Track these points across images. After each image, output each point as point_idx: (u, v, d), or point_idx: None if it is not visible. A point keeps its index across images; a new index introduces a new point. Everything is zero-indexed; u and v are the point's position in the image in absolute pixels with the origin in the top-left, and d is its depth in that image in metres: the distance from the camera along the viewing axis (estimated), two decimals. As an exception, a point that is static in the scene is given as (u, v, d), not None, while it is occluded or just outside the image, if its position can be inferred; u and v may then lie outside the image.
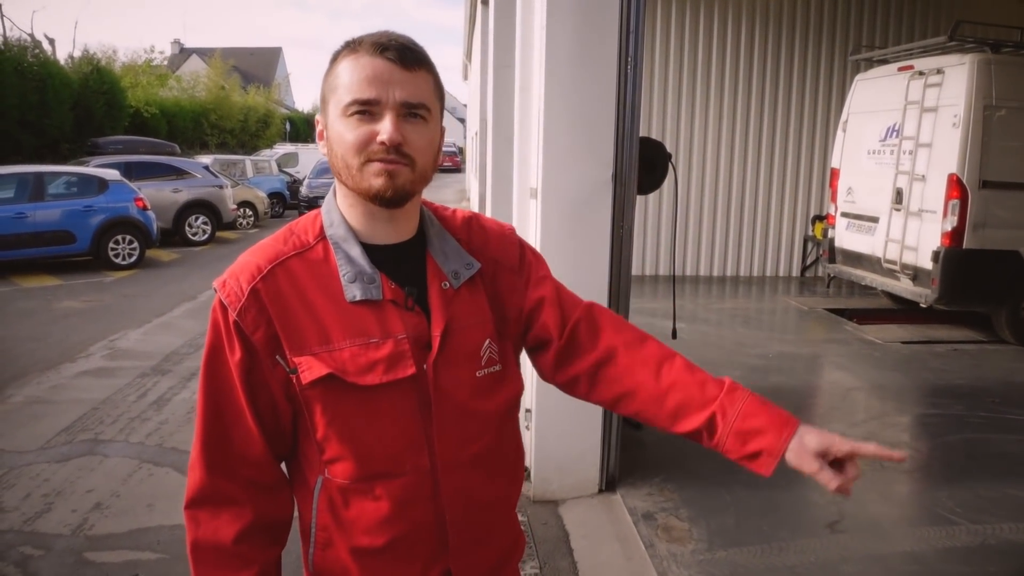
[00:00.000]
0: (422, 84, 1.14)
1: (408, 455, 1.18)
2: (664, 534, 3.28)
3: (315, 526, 1.22)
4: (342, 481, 1.18)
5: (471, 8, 12.65)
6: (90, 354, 6.41)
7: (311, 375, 1.13)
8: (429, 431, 1.19)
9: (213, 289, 1.20)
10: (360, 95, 1.11)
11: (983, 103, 6.21)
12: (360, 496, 1.18)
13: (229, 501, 1.19)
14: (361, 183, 1.14)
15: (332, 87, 1.15)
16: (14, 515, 3.60)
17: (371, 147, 1.12)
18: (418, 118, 1.14)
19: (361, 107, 1.11)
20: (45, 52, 18.98)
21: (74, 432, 4.65)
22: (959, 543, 3.26)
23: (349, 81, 1.12)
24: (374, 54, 1.12)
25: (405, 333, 1.16)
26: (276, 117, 35.62)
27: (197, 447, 1.20)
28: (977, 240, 6.33)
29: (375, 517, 1.19)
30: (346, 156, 1.13)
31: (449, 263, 1.24)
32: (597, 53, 3.37)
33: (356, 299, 1.15)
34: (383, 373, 1.14)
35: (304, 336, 1.14)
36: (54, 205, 10.59)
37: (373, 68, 1.11)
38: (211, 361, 1.19)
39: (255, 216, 16.76)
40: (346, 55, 1.14)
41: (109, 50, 24.78)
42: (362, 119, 1.11)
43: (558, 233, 3.48)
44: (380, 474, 1.18)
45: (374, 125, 1.11)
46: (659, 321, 6.77)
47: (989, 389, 5.40)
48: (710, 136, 9.76)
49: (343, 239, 1.18)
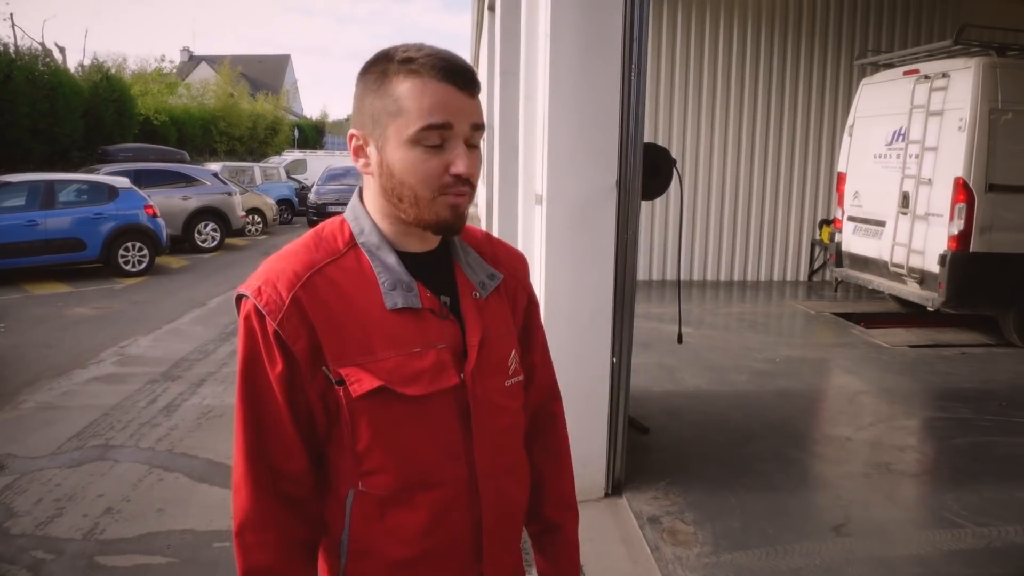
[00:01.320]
0: (479, 108, 1.13)
1: (447, 465, 1.18)
2: (670, 537, 3.30)
3: (348, 538, 1.19)
4: (380, 492, 1.16)
5: (477, 14, 12.70)
6: (101, 360, 6.47)
7: (362, 387, 1.11)
8: (468, 440, 1.19)
9: (240, 296, 1.15)
10: (433, 121, 1.07)
11: (989, 107, 6.21)
12: (398, 507, 1.16)
13: (277, 523, 1.16)
14: (429, 215, 1.12)
15: (392, 110, 1.09)
16: (26, 520, 3.64)
17: (443, 179, 1.10)
18: (475, 145, 1.13)
19: (435, 135, 1.08)
20: (56, 60, 19.21)
21: (85, 437, 4.70)
22: (965, 546, 3.26)
23: (418, 107, 1.08)
24: (441, 79, 1.08)
25: (444, 342, 1.16)
26: (285, 124, 35.83)
27: (241, 465, 1.16)
28: (984, 243, 6.32)
29: (413, 527, 1.17)
30: (416, 187, 1.11)
31: (475, 273, 1.24)
32: (601, 60, 3.40)
33: (398, 306, 1.13)
34: (428, 383, 1.14)
35: (347, 345, 1.11)
36: (64, 213, 10.68)
37: (444, 95, 1.08)
38: (249, 372, 1.14)
39: (264, 223, 16.85)
40: (406, 75, 1.09)
41: (119, 58, 25.08)
42: (432, 149, 1.09)
43: (563, 239, 3.51)
44: (419, 484, 1.17)
45: (444, 155, 1.10)
46: (665, 326, 6.79)
47: (996, 392, 5.39)
48: (716, 141, 9.77)
49: (377, 247, 1.16)
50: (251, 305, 1.12)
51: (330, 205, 17.09)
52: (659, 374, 5.69)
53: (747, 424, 4.70)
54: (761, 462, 4.13)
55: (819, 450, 4.41)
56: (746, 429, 4.62)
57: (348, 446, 1.15)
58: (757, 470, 4.02)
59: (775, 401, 5.18)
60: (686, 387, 5.45)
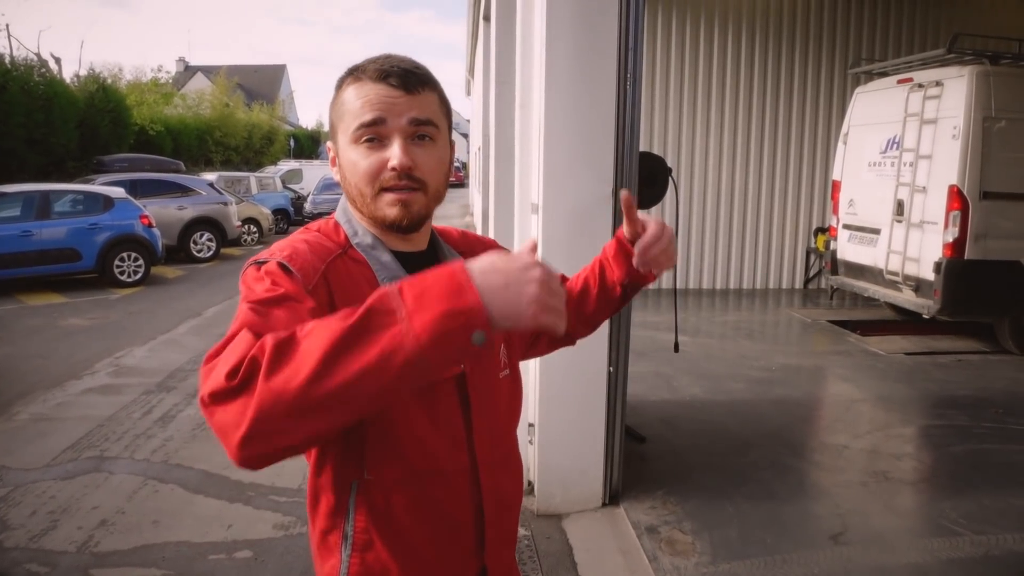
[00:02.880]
0: (427, 104, 1.16)
1: (451, 454, 1.20)
2: (668, 547, 3.29)
3: (353, 529, 1.18)
4: (387, 482, 1.16)
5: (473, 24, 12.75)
6: (95, 371, 6.44)
7: None
8: (469, 429, 1.21)
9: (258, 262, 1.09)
10: (365, 119, 1.13)
11: (982, 115, 6.24)
12: (403, 496, 1.17)
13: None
14: (376, 212, 1.17)
15: (339, 114, 1.17)
16: (20, 532, 3.62)
17: (383, 175, 1.14)
18: (426, 138, 1.16)
19: (368, 132, 1.13)
20: (51, 71, 19.19)
21: (80, 449, 4.67)
22: (963, 554, 3.25)
23: (354, 108, 1.14)
24: (377, 80, 1.14)
25: None
26: (280, 134, 35.81)
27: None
28: (978, 251, 6.34)
29: (418, 516, 1.18)
30: (359, 185, 1.16)
31: None
32: (597, 69, 3.40)
33: None
34: None
35: None
36: (60, 223, 10.66)
37: (377, 94, 1.13)
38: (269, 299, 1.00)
39: (260, 233, 16.82)
40: (350, 82, 1.16)
41: (114, 68, 25.05)
42: (371, 146, 1.14)
43: (559, 248, 3.51)
44: (424, 473, 1.18)
45: (384, 152, 1.14)
46: (661, 335, 6.79)
47: (992, 399, 5.40)
48: (711, 150, 9.80)
49: (372, 246, 1.20)
50: (276, 264, 1.07)
51: (326, 215, 17.05)
52: (656, 383, 5.68)
53: (744, 433, 4.70)
54: (758, 471, 4.12)
55: (816, 458, 4.41)
56: (743, 438, 4.61)
57: (354, 435, 1.15)
58: (755, 479, 4.01)
59: (772, 409, 5.18)
60: (683, 396, 5.45)
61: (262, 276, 1.06)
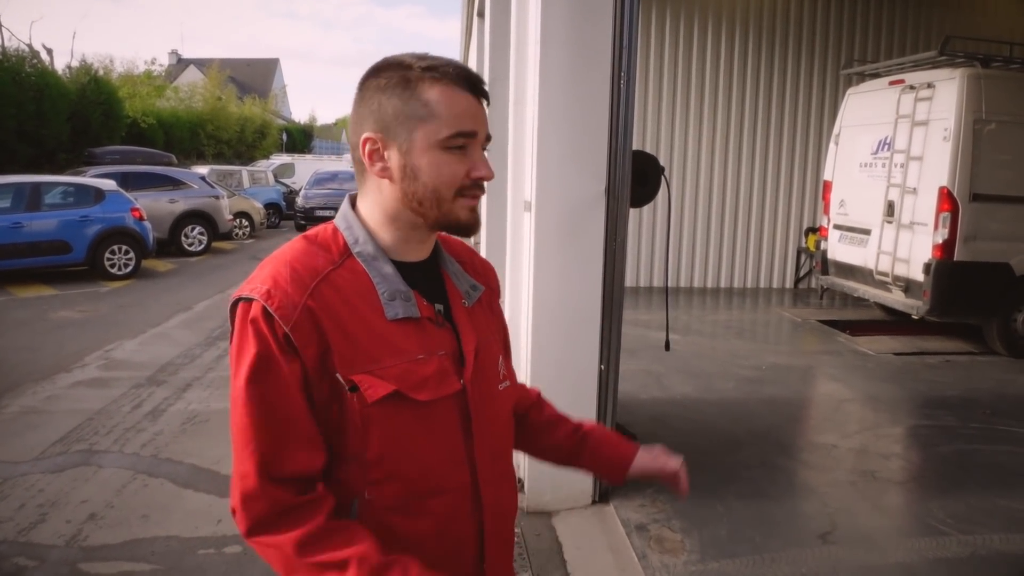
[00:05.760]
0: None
1: (453, 472, 1.20)
2: (657, 545, 3.30)
3: None
4: (388, 501, 1.15)
5: (467, 20, 12.71)
6: (85, 364, 6.42)
7: (376, 393, 1.11)
8: (470, 446, 1.21)
9: (240, 299, 1.12)
10: (463, 128, 1.13)
11: (973, 117, 6.27)
12: (404, 515, 1.17)
13: (298, 512, 1.10)
14: (449, 215, 1.17)
15: (421, 114, 1.13)
16: (8, 526, 3.61)
17: (464, 182, 1.16)
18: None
19: (462, 141, 1.14)
20: (43, 62, 19.06)
21: (69, 442, 4.66)
22: (950, 554, 3.28)
23: (450, 113, 1.12)
24: (464, 87, 1.14)
25: (444, 349, 1.19)
26: (273, 128, 35.71)
27: (252, 463, 1.09)
28: (968, 252, 6.38)
29: (419, 535, 1.17)
30: (440, 188, 1.15)
31: (460, 282, 1.28)
32: (590, 68, 3.41)
33: (399, 316, 1.15)
34: (435, 389, 1.15)
35: (356, 353, 1.11)
36: (50, 215, 10.60)
37: (470, 103, 1.14)
38: (259, 372, 1.09)
39: (251, 227, 16.78)
40: (431, 82, 1.13)
41: (106, 60, 24.88)
42: (461, 153, 1.15)
43: (552, 246, 3.52)
44: (426, 492, 1.17)
45: (466, 160, 1.16)
46: (652, 333, 6.80)
47: (980, 400, 5.44)
48: (703, 149, 9.82)
49: (373, 257, 1.17)
50: (259, 308, 1.09)
51: (318, 209, 17.03)
52: (646, 381, 5.70)
53: (734, 431, 4.72)
54: (748, 469, 4.14)
55: (805, 457, 4.43)
56: (733, 436, 4.63)
57: (355, 455, 1.14)
58: (744, 478, 4.03)
59: (762, 408, 5.20)
60: (673, 394, 5.46)
61: (246, 327, 1.10)
